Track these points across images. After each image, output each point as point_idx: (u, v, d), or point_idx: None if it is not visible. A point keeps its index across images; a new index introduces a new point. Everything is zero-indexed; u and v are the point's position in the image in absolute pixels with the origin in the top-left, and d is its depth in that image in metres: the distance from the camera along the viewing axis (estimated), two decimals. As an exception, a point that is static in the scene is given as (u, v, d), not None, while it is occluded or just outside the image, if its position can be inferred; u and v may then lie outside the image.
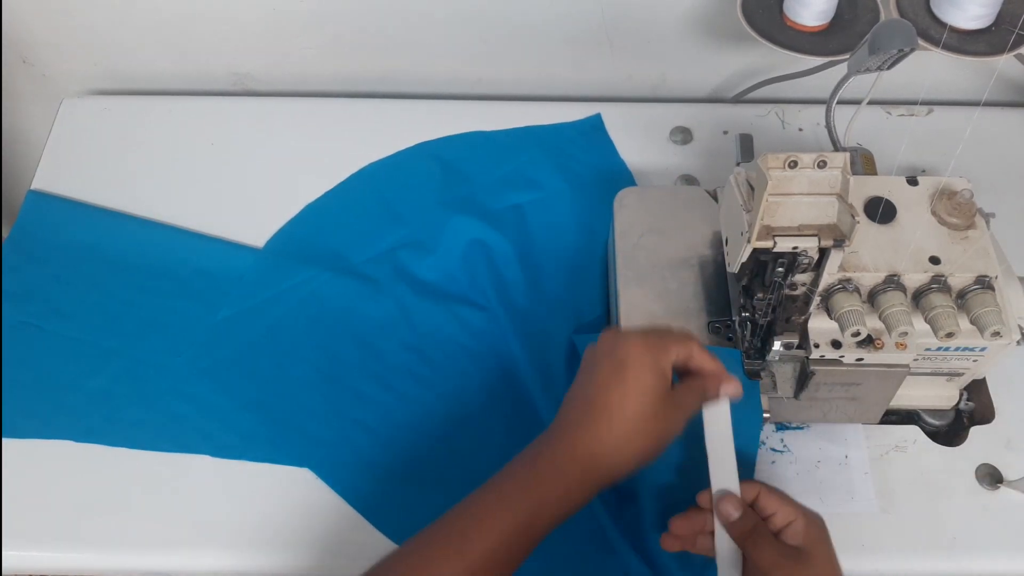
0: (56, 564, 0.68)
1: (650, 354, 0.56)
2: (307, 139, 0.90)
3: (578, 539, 0.66)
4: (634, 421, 0.55)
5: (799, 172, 0.57)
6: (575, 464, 0.54)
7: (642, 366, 0.55)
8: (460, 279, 0.80)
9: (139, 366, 0.76)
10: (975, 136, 0.86)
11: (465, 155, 0.88)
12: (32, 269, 0.81)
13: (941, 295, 0.60)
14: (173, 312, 0.79)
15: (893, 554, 0.67)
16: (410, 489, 0.69)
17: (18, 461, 0.71)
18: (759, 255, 0.60)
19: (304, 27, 0.91)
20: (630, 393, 0.55)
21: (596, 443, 0.54)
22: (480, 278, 0.80)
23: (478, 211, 0.84)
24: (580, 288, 0.79)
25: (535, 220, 0.83)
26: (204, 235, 0.84)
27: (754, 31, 0.75)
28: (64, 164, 0.89)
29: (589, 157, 0.88)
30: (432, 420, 0.73)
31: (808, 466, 0.70)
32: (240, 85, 0.98)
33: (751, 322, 0.66)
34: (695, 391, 0.58)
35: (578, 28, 0.89)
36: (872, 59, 0.66)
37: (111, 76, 0.98)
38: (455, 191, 0.85)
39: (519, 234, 0.82)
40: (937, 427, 0.72)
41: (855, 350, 0.62)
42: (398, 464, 0.70)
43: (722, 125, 0.90)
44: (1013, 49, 0.72)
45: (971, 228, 0.62)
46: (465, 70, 0.95)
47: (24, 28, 0.93)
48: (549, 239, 0.82)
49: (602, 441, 0.54)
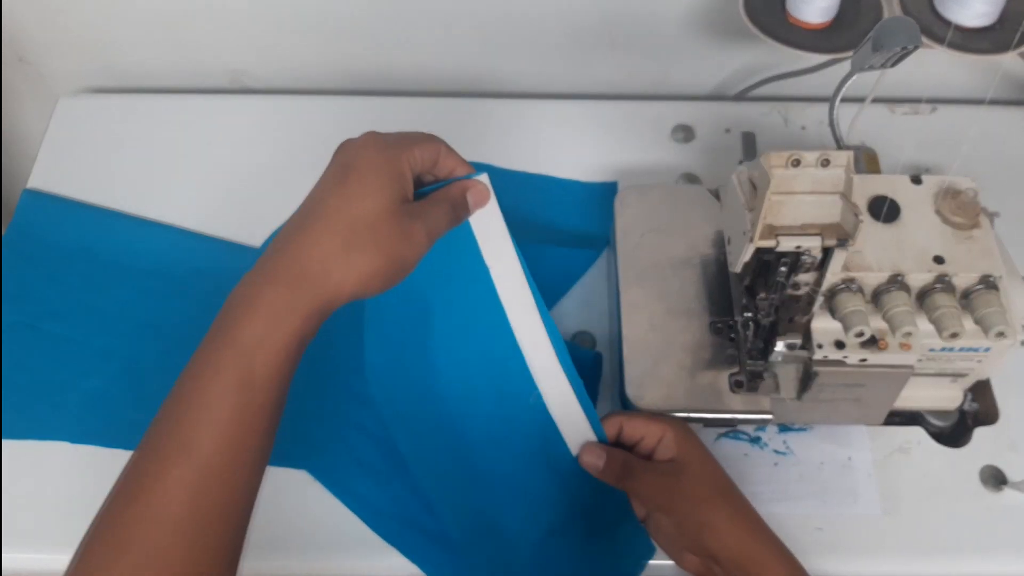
0: (52, 566, 0.68)
1: (383, 154, 0.48)
2: (305, 137, 0.90)
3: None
4: (357, 229, 0.46)
5: (802, 170, 0.57)
6: (274, 287, 0.45)
7: (368, 166, 0.47)
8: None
9: (135, 367, 0.75)
10: (979, 134, 0.85)
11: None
12: (28, 269, 0.81)
13: (945, 295, 0.60)
14: (169, 312, 0.78)
15: (897, 556, 0.66)
16: (407, 490, 0.68)
17: (14, 462, 0.71)
18: (762, 255, 0.59)
19: (302, 24, 0.90)
20: (353, 197, 0.46)
21: (307, 256, 0.45)
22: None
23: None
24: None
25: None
26: (201, 234, 0.83)
27: (757, 28, 0.75)
28: (60, 163, 0.88)
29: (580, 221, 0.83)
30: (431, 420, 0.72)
31: (811, 468, 0.69)
32: (237, 83, 0.98)
33: (754, 322, 0.65)
34: (445, 203, 0.51)
35: (579, 25, 0.89)
36: (876, 57, 0.66)
37: (107, 74, 0.97)
38: None
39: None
40: (941, 428, 0.72)
41: (859, 351, 0.62)
42: (394, 465, 0.70)
43: (724, 123, 0.90)
44: (1018, 47, 0.72)
45: (975, 227, 0.62)
46: (465, 67, 0.95)
47: (20, 26, 0.92)
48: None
49: (315, 252, 0.45)
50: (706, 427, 0.70)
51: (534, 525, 0.64)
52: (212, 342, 0.46)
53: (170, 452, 0.44)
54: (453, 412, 0.62)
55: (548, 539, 0.64)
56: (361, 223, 0.46)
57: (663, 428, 0.57)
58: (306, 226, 0.46)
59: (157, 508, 0.43)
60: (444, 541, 0.65)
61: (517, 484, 0.63)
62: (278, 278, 0.45)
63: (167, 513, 0.43)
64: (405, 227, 0.47)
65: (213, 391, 0.44)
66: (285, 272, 0.45)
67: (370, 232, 0.46)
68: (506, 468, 0.63)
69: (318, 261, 0.45)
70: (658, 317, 0.70)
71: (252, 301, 0.45)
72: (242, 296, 0.46)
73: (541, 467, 0.63)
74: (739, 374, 0.67)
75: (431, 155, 0.51)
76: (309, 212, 0.47)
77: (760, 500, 0.62)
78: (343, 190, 0.47)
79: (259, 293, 0.45)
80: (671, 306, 0.70)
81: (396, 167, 0.48)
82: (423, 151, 0.51)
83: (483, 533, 0.64)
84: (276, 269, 0.45)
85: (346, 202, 0.46)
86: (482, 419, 0.62)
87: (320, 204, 0.47)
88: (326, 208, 0.46)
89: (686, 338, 0.69)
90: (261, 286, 0.45)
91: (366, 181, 0.47)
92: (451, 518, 0.65)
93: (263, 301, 0.45)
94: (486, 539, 0.64)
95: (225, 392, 0.44)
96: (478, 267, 0.55)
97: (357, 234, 0.46)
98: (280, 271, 0.45)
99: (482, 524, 0.64)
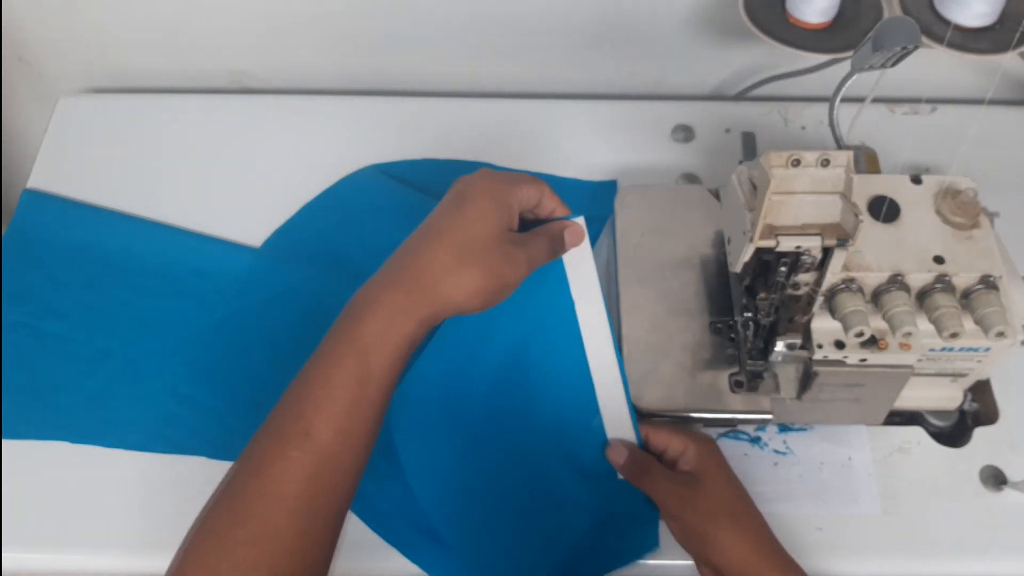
0: (50, 566, 0.68)
1: (494, 187, 0.54)
2: (305, 137, 0.90)
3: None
4: (467, 249, 0.51)
5: (802, 170, 0.57)
6: (393, 291, 0.50)
7: (483, 196, 0.53)
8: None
9: (135, 367, 0.75)
10: (979, 134, 0.85)
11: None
12: (27, 268, 0.80)
13: (945, 295, 0.60)
14: (169, 312, 0.78)
15: (897, 556, 0.66)
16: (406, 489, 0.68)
17: (14, 462, 0.71)
18: (762, 254, 0.59)
19: (302, 24, 0.90)
20: (467, 220, 0.52)
21: (422, 267, 0.51)
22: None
23: None
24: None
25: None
26: (201, 235, 0.83)
27: (756, 28, 0.74)
28: (60, 163, 0.88)
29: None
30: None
31: (811, 468, 0.69)
32: (238, 83, 0.97)
33: (754, 322, 0.65)
34: (544, 237, 0.56)
35: (578, 24, 0.89)
36: (876, 56, 0.66)
37: (107, 74, 0.97)
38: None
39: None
40: (941, 428, 0.72)
41: (859, 351, 0.62)
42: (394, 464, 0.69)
43: (724, 123, 0.90)
44: (1018, 47, 0.71)
45: (975, 227, 0.62)
46: (464, 67, 0.95)
47: (20, 26, 0.92)
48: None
49: (430, 265, 0.51)
50: (706, 427, 0.70)
51: (557, 526, 0.64)
52: (334, 338, 0.50)
53: (291, 436, 0.48)
54: (505, 419, 0.65)
55: (560, 534, 0.64)
56: (472, 244, 0.51)
57: (685, 443, 0.60)
58: (424, 242, 0.52)
59: (276, 485, 0.47)
60: (445, 541, 0.65)
61: (553, 493, 0.65)
62: (397, 284, 0.50)
63: (284, 491, 0.47)
64: (509, 252, 0.52)
65: (334, 382, 0.49)
66: (403, 280, 0.50)
67: (479, 253, 0.51)
68: (547, 478, 0.65)
69: (432, 273, 0.50)
70: (658, 317, 0.70)
71: (372, 303, 0.50)
72: (364, 298, 0.51)
73: (581, 477, 0.65)
74: (739, 374, 0.67)
75: (535, 195, 0.56)
76: (428, 230, 0.53)
77: (760, 500, 0.62)
78: (459, 213, 0.52)
79: (379, 296, 0.50)
80: (671, 306, 0.70)
81: (506, 199, 0.53)
82: (529, 190, 0.56)
83: (490, 533, 0.64)
84: (395, 277, 0.51)
85: (461, 224, 0.52)
86: (538, 431, 0.64)
87: (437, 224, 0.53)
88: (442, 228, 0.52)
89: (686, 338, 0.69)
90: (381, 290, 0.50)
91: (479, 207, 0.52)
92: (456, 517, 0.65)
93: (382, 303, 0.50)
94: (493, 539, 0.64)
95: (345, 384, 0.49)
96: (565, 299, 0.61)
97: (468, 253, 0.51)
98: (399, 279, 0.51)
99: (494, 525, 0.64)
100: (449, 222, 0.52)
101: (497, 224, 0.52)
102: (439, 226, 0.52)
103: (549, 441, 0.65)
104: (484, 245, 0.51)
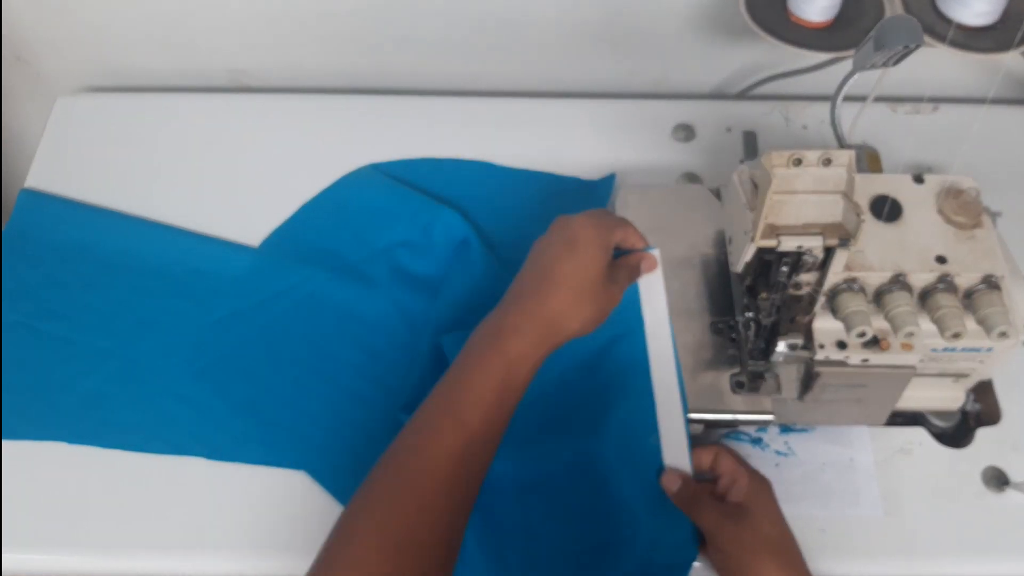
0: (49, 567, 0.68)
1: (598, 233, 0.63)
2: (304, 136, 0.90)
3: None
4: (582, 290, 0.62)
5: (803, 170, 0.56)
6: (533, 322, 0.60)
7: (590, 242, 0.63)
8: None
9: (133, 367, 0.75)
10: (981, 133, 0.85)
11: (466, 181, 0.86)
12: (25, 268, 0.80)
13: (947, 295, 0.60)
14: (167, 312, 0.78)
15: (898, 557, 0.66)
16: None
17: (13, 463, 0.70)
18: (763, 254, 0.59)
19: (301, 23, 0.90)
20: (580, 265, 0.62)
21: (549, 309, 0.61)
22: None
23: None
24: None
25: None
26: (199, 234, 0.83)
27: (758, 26, 0.74)
28: (58, 162, 0.88)
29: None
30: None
31: (813, 469, 0.69)
32: (237, 82, 0.97)
33: (755, 322, 0.65)
34: (628, 268, 0.67)
35: (579, 23, 0.89)
36: (877, 55, 0.66)
37: (106, 73, 0.97)
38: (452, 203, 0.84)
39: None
40: (943, 429, 0.72)
41: (861, 351, 0.61)
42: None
43: (725, 122, 0.89)
44: (1020, 46, 0.71)
45: (977, 227, 0.62)
46: (464, 66, 0.95)
47: (18, 25, 0.92)
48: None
49: (554, 307, 0.61)
50: (708, 428, 0.70)
51: (590, 537, 0.65)
52: (481, 351, 0.60)
53: (445, 424, 0.57)
54: (566, 420, 0.68)
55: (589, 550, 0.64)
56: (586, 286, 0.62)
57: (741, 473, 0.62)
58: (550, 287, 0.62)
59: (433, 463, 0.56)
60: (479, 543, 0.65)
61: (604, 497, 0.65)
62: (533, 322, 0.60)
63: (440, 469, 0.56)
64: (609, 288, 0.63)
65: (484, 384, 0.58)
66: (538, 318, 0.61)
67: (592, 293, 0.62)
68: (599, 482, 0.66)
69: (558, 311, 0.61)
70: (659, 317, 0.69)
71: (518, 328, 0.60)
72: (508, 324, 0.61)
73: (631, 488, 0.65)
74: (740, 374, 0.67)
75: (625, 234, 0.66)
76: (550, 273, 0.62)
77: (761, 501, 0.62)
78: (574, 260, 0.62)
79: (525, 324, 0.60)
80: (672, 306, 0.70)
81: (607, 243, 0.64)
82: (622, 233, 0.66)
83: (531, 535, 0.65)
84: (535, 311, 0.61)
85: (576, 271, 0.62)
86: (597, 435, 0.66)
87: (559, 268, 0.62)
88: (564, 273, 0.62)
89: (687, 338, 0.69)
90: (526, 319, 0.60)
91: (589, 255, 0.62)
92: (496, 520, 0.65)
93: (526, 333, 0.60)
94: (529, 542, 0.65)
95: (493, 386, 0.58)
96: (636, 317, 0.68)
97: (584, 294, 0.62)
98: (534, 316, 0.61)
99: (537, 527, 0.65)
100: (567, 268, 0.62)
101: (601, 265, 0.63)
102: (559, 272, 0.62)
103: (606, 445, 0.66)
104: (593, 286, 0.62)
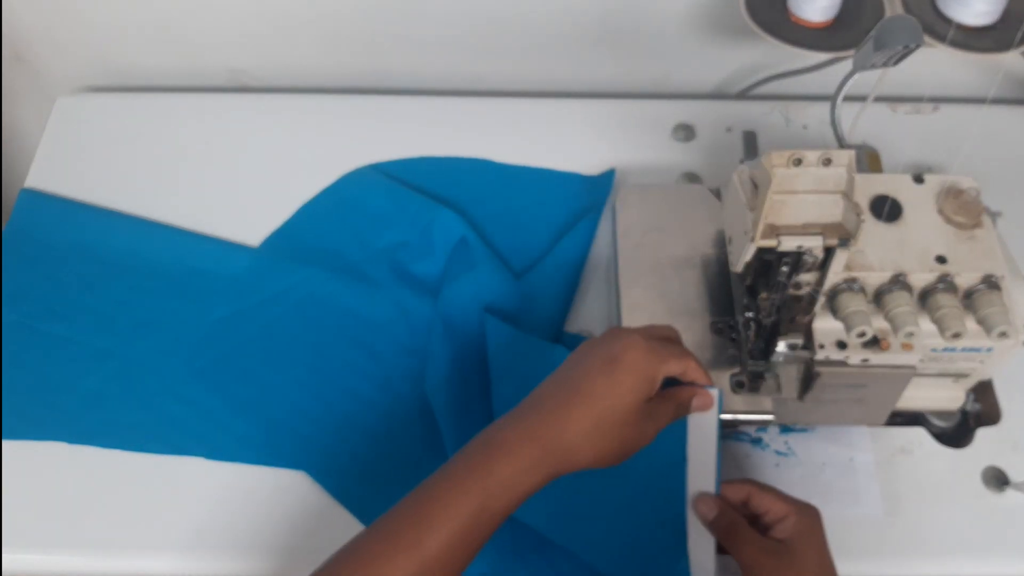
0: (49, 567, 0.68)
1: (647, 360, 0.55)
2: (304, 136, 0.90)
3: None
4: (609, 417, 0.53)
5: (803, 170, 0.56)
6: (532, 444, 0.52)
7: (635, 367, 0.54)
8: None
9: (133, 367, 0.75)
10: (981, 133, 0.85)
11: (466, 179, 0.86)
12: (25, 269, 0.80)
13: (947, 295, 0.60)
14: (167, 312, 0.78)
15: (898, 557, 0.66)
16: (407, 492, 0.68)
17: (13, 463, 0.70)
18: (763, 254, 0.59)
19: (301, 23, 0.90)
20: (615, 389, 0.54)
21: (563, 427, 0.53)
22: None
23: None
24: (559, 295, 0.78)
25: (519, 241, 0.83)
26: (199, 234, 0.83)
27: (758, 26, 0.74)
28: (58, 162, 0.88)
29: (579, 211, 0.84)
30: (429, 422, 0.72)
31: (813, 469, 0.69)
32: (236, 81, 0.97)
33: (755, 322, 0.65)
34: (675, 403, 0.58)
35: (579, 23, 0.89)
36: (877, 55, 0.66)
37: (106, 73, 0.97)
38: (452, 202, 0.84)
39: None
40: (943, 429, 0.72)
41: (861, 351, 0.61)
42: (394, 467, 0.69)
43: (725, 122, 0.89)
44: (1020, 45, 0.71)
45: (977, 227, 0.62)
46: (464, 66, 0.94)
47: (18, 25, 0.92)
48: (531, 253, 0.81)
49: (571, 427, 0.53)
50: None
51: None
52: (465, 469, 0.52)
53: (401, 543, 0.50)
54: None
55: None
56: (613, 415, 0.53)
57: (787, 510, 0.57)
58: (570, 404, 0.54)
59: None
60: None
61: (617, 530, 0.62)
62: (536, 439, 0.52)
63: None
64: (642, 425, 0.55)
65: (454, 508, 0.51)
66: (542, 437, 0.53)
67: (618, 424, 0.54)
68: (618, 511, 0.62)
69: (572, 436, 0.53)
70: (659, 317, 0.69)
71: (512, 448, 0.52)
72: (502, 438, 0.53)
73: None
74: (740, 374, 0.67)
75: (682, 368, 0.57)
76: (576, 391, 0.54)
77: (761, 501, 0.62)
78: (608, 382, 0.54)
79: (520, 445, 0.52)
80: (672, 306, 0.70)
81: (653, 373, 0.55)
82: (678, 365, 0.57)
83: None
84: (535, 430, 0.53)
85: (607, 395, 0.54)
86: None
87: (587, 387, 0.54)
88: (590, 393, 0.54)
89: (687, 338, 0.68)
90: (521, 439, 0.53)
91: (628, 382, 0.54)
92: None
93: (519, 455, 0.52)
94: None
95: (465, 512, 0.51)
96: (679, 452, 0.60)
97: (607, 423, 0.53)
98: (538, 434, 0.53)
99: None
100: (599, 390, 0.54)
101: (638, 397, 0.54)
102: (587, 390, 0.54)
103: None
104: (623, 418, 0.54)
